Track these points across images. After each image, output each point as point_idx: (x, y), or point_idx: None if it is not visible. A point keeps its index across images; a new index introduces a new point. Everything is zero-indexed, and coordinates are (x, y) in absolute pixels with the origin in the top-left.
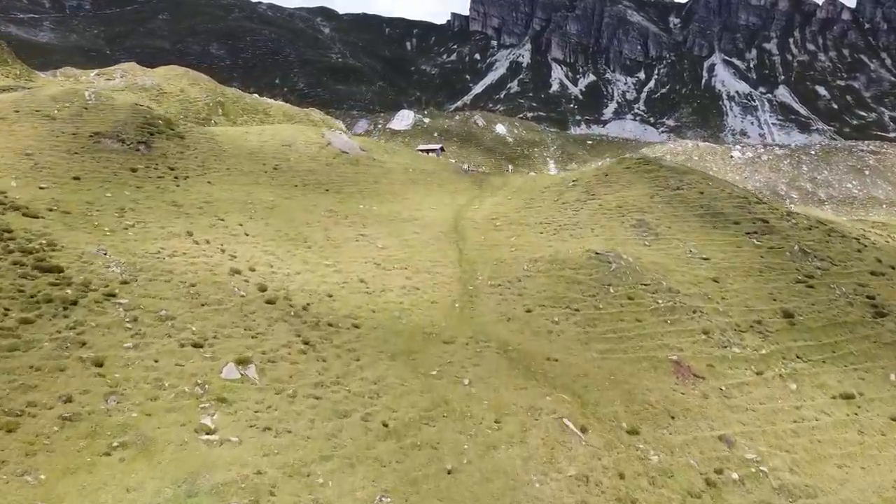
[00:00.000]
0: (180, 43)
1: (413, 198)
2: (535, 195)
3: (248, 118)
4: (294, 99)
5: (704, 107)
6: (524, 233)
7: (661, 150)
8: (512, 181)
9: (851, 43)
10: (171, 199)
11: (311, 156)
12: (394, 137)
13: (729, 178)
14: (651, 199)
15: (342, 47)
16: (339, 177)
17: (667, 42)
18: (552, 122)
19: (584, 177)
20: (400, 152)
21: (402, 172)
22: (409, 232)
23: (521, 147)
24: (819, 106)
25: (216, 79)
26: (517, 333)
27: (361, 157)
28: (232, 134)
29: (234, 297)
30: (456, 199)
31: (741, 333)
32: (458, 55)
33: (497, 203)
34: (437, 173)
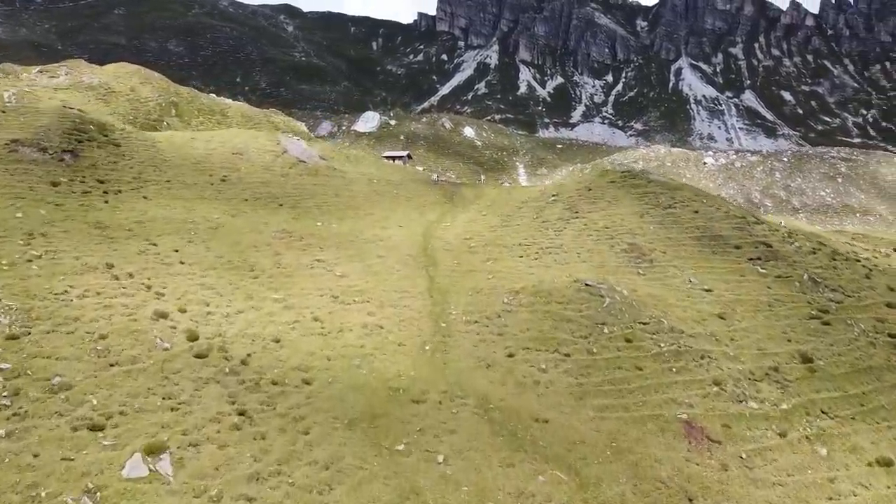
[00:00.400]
0: (137, 39)
1: (378, 213)
2: (513, 211)
3: (203, 119)
4: (256, 99)
5: (672, 111)
6: (502, 256)
7: (633, 155)
8: (486, 193)
9: (815, 49)
10: (96, 219)
11: (264, 165)
12: (358, 140)
13: (703, 185)
14: (641, 219)
15: (306, 46)
16: (295, 189)
17: (634, 45)
18: (520, 125)
19: (564, 191)
20: (364, 160)
21: (366, 184)
22: (373, 255)
23: (490, 151)
24: (785, 111)
25: (174, 77)
26: (499, 385)
27: (321, 167)
28: (176, 140)
29: (155, 352)
30: (425, 214)
31: (756, 383)
32: (424, 55)
33: (471, 220)
34: (404, 184)
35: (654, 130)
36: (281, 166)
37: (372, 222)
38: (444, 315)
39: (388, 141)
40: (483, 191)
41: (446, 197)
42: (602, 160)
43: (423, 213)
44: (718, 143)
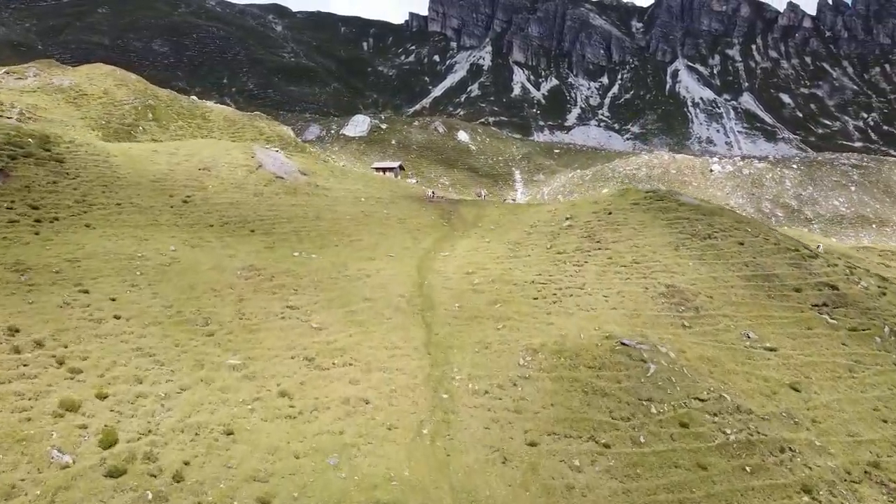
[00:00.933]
0: (120, 39)
1: (365, 239)
2: (521, 237)
3: (183, 124)
4: (243, 100)
5: (669, 113)
6: (513, 297)
7: (636, 162)
8: (488, 214)
9: (813, 51)
10: (16, 257)
11: (235, 183)
12: (348, 144)
13: (710, 194)
14: (676, 253)
15: (295, 46)
16: (270, 211)
17: (630, 47)
18: (515, 128)
19: (579, 213)
20: (350, 174)
21: (352, 203)
22: (358, 298)
23: (484, 156)
24: (784, 114)
25: (158, 78)
26: (520, 490)
27: (301, 184)
28: (134, 154)
29: (47, 473)
30: (420, 240)
31: (855, 487)
32: (416, 56)
33: (472, 248)
34: (395, 203)
35: (651, 133)
36: (255, 184)
37: (358, 251)
38: (446, 381)
39: (378, 146)
40: (485, 210)
41: (443, 218)
42: (602, 166)
43: (418, 238)
44: (718, 147)
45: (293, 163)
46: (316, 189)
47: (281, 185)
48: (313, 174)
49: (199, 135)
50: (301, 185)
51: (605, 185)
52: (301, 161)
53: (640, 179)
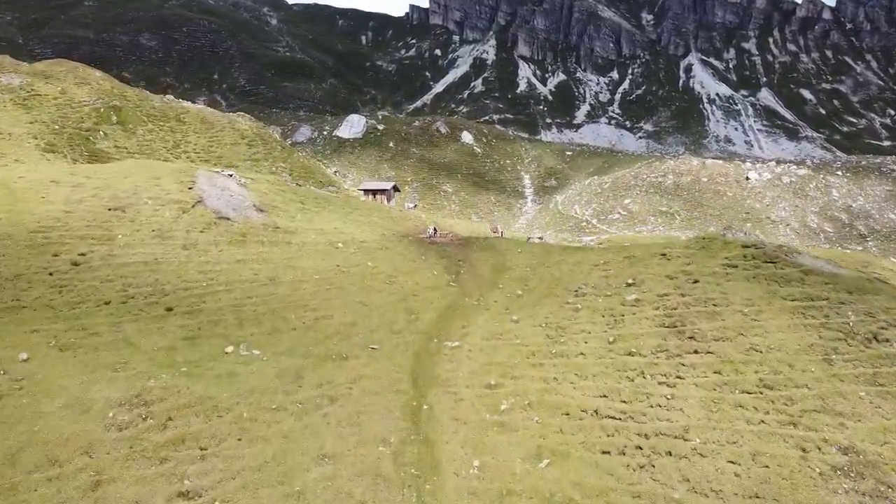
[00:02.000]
0: (106, 32)
1: (337, 317)
2: (564, 314)
3: (154, 126)
4: (234, 97)
5: (684, 110)
6: (567, 446)
7: (661, 168)
8: (510, 263)
9: (834, 44)
10: None
11: (159, 228)
12: (341, 147)
13: (747, 206)
14: (831, 370)
15: (290, 40)
16: (202, 274)
17: (640, 40)
18: (520, 126)
19: (646, 272)
20: (327, 205)
21: (324, 253)
22: (311, 458)
23: (490, 160)
24: (805, 111)
25: (146, 74)
26: None
27: (254, 226)
28: (21, 187)
29: None
30: (416, 316)
31: None
32: (417, 50)
33: (494, 333)
34: (385, 249)
35: (665, 132)
36: (187, 229)
37: (324, 341)
38: None
39: (374, 149)
40: (505, 257)
41: (449, 272)
42: (622, 173)
43: (413, 311)
44: (737, 147)
45: (248, 194)
46: (275, 233)
47: (225, 230)
48: (274, 209)
49: (171, 139)
50: (254, 229)
51: (628, 195)
52: (260, 191)
53: (668, 189)
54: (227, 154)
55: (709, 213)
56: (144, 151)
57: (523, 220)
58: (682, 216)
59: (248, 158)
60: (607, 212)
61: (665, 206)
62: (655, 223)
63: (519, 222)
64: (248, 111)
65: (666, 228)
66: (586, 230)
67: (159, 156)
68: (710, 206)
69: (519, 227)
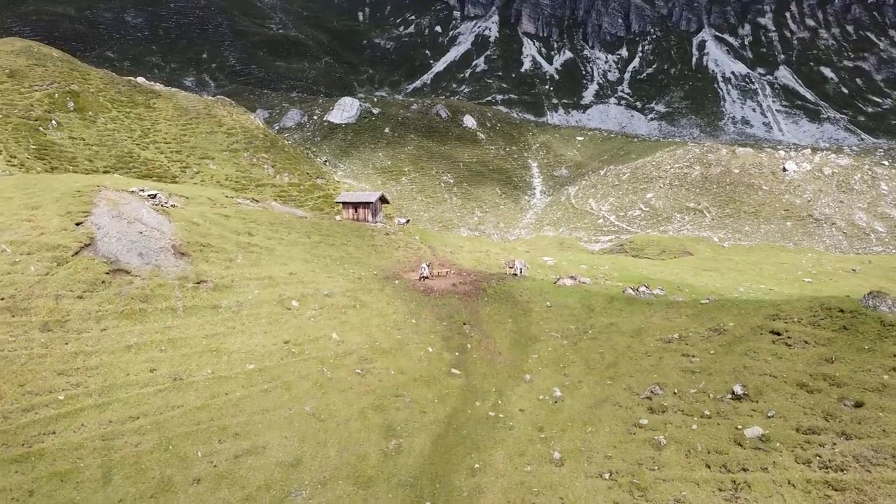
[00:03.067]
0: (89, 10)
1: (269, 452)
2: (636, 446)
3: (118, 114)
4: (224, 77)
5: (698, 90)
6: None
7: (686, 157)
8: (536, 330)
9: (856, 19)
10: None
11: (11, 296)
12: (332, 133)
13: (786, 202)
14: None
15: (283, 17)
16: (59, 381)
17: (650, 15)
18: (525, 107)
19: (756, 368)
20: (288, 233)
21: (267, 324)
22: None
23: (495, 146)
24: (827, 90)
25: (131, 53)
26: None
27: (164, 284)
28: None
29: None
30: (399, 437)
31: None
32: (416, 27)
33: (524, 486)
34: (359, 307)
35: (678, 113)
36: (57, 295)
37: None
38: None
39: (368, 135)
40: (529, 318)
41: (450, 345)
42: (642, 162)
43: (395, 432)
44: (755, 129)
45: (168, 227)
46: (196, 293)
47: (118, 294)
48: (203, 250)
49: (138, 128)
50: (165, 287)
51: (650, 189)
52: (188, 220)
53: (695, 182)
54: (201, 144)
55: (743, 209)
56: (105, 143)
57: (531, 214)
58: (713, 213)
59: (225, 149)
60: (627, 207)
61: (692, 201)
62: (682, 221)
63: (527, 217)
64: (237, 92)
65: (695, 228)
66: (604, 229)
67: (123, 147)
68: (744, 202)
69: (527, 222)
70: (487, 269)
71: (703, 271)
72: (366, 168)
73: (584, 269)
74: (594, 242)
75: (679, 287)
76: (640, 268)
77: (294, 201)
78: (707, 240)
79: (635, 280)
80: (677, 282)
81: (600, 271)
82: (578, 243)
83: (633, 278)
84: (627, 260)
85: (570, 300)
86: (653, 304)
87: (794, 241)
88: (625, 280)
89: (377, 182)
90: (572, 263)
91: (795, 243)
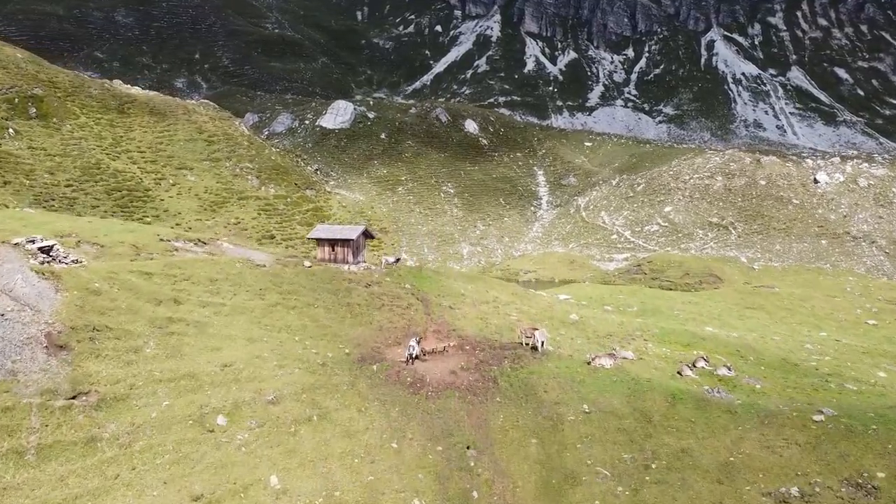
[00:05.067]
0: (78, 9)
1: None
2: None
3: (87, 121)
4: (216, 78)
5: (707, 91)
6: None
7: (707, 166)
8: (572, 447)
9: (870, 18)
10: None
11: None
12: (325, 139)
13: (819, 217)
14: None
15: (280, 16)
16: None
17: (657, 14)
18: (528, 109)
19: None
20: (233, 293)
21: (171, 464)
22: None
23: (498, 153)
24: (841, 91)
25: (121, 54)
26: None
27: (14, 401)
28: None
29: None
30: None
31: None
32: (416, 27)
33: None
34: (314, 420)
35: (687, 115)
36: None
37: None
38: None
39: (363, 141)
40: (559, 421)
41: (447, 498)
42: (657, 171)
43: None
44: (768, 132)
45: (54, 298)
46: (63, 421)
47: None
48: (97, 337)
49: (109, 136)
50: (9, 415)
51: (668, 201)
52: (87, 287)
53: (717, 194)
54: (179, 153)
55: (772, 226)
56: (70, 153)
57: (538, 227)
58: (739, 230)
59: (206, 158)
60: (643, 221)
61: (715, 215)
62: (705, 238)
63: (533, 230)
64: (230, 94)
65: (720, 246)
66: (618, 245)
67: (90, 157)
68: (773, 217)
69: (533, 236)
70: (498, 334)
71: (746, 310)
72: (360, 177)
73: (618, 326)
74: (608, 261)
75: (740, 353)
76: (673, 307)
77: (280, 216)
78: (734, 261)
79: (682, 342)
80: (735, 343)
81: (628, 315)
82: (591, 262)
83: (677, 338)
84: (655, 294)
85: (615, 400)
86: (737, 415)
87: (831, 261)
88: (667, 339)
89: (372, 193)
90: (601, 321)
91: (833, 265)
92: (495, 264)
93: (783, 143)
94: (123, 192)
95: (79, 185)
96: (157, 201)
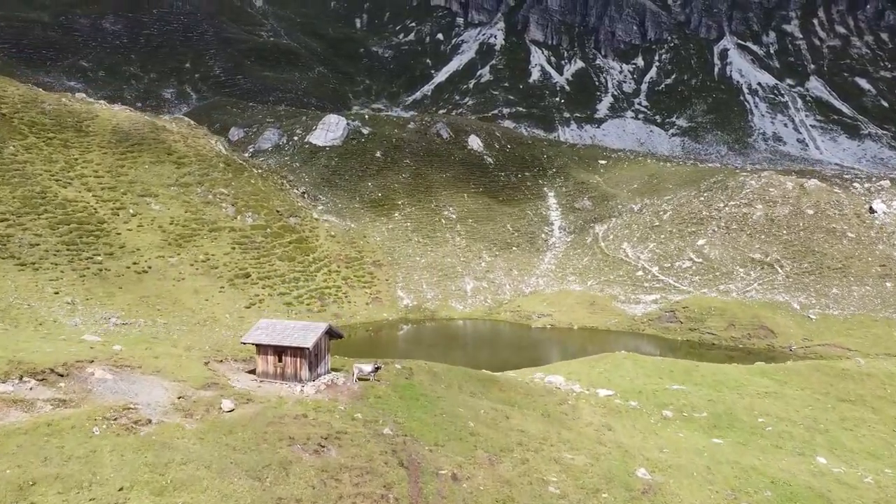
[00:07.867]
0: (64, 15)
1: None
2: None
3: (36, 141)
4: (207, 89)
5: (722, 102)
6: None
7: (745, 192)
8: None
9: (890, 26)
10: None
11: None
12: (314, 157)
13: (880, 253)
14: None
15: (275, 24)
16: None
17: (667, 22)
18: (534, 121)
19: None
20: (125, 464)
21: None
22: None
23: (505, 172)
24: (864, 103)
25: (108, 63)
26: None
27: None
28: None
29: None
30: None
31: None
32: (416, 35)
33: None
34: None
35: (702, 128)
36: None
37: None
38: None
39: (356, 160)
40: None
41: None
42: (687, 197)
43: None
44: (789, 147)
45: None
46: None
47: None
48: None
49: (61, 159)
50: None
51: (701, 233)
52: None
53: (758, 225)
54: (143, 178)
55: (825, 264)
56: (10, 180)
57: (550, 257)
58: (787, 269)
59: (174, 183)
60: (672, 256)
61: (758, 251)
62: (748, 278)
63: (545, 261)
64: (219, 105)
65: (765, 288)
66: (644, 284)
67: (35, 184)
68: (826, 254)
69: (546, 268)
70: None
71: (842, 404)
72: (352, 201)
73: (709, 489)
74: (634, 303)
75: None
76: (752, 408)
77: (257, 250)
78: (785, 307)
79: None
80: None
81: (699, 431)
82: (614, 303)
83: None
84: (717, 376)
85: None
86: None
87: None
88: None
89: (365, 219)
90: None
91: None
92: (503, 303)
93: (806, 159)
94: (72, 226)
95: (16, 218)
96: (112, 235)
